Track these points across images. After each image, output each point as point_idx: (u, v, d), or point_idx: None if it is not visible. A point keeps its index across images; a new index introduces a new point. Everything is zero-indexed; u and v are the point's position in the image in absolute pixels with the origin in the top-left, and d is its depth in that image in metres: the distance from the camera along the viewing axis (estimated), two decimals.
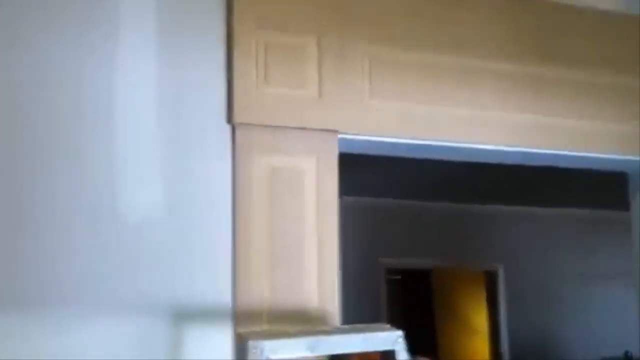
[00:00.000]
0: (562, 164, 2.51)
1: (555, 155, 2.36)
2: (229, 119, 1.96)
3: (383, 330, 1.68)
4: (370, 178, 4.90)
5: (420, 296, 8.00)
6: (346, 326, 1.85)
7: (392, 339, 1.64)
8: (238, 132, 1.96)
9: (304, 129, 2.01)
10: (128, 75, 1.91)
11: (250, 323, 1.88)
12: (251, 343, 1.56)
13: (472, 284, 7.51)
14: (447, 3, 2.23)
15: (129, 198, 1.86)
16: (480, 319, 6.99)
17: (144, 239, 1.86)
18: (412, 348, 1.71)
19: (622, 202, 2.71)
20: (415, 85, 2.15)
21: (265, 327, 1.89)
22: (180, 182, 1.92)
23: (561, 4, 2.38)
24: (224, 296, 1.90)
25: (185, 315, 1.86)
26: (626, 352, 5.71)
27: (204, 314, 1.89)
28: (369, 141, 2.13)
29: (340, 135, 2.06)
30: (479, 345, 6.96)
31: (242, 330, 1.82)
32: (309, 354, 1.59)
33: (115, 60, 1.90)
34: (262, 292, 1.91)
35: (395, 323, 1.77)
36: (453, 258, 6.43)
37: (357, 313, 3.51)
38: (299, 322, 1.93)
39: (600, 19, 2.43)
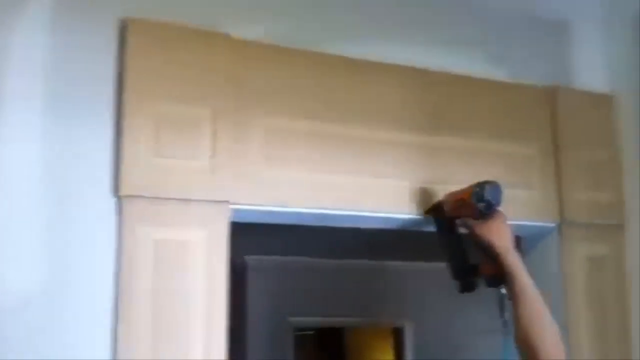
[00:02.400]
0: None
1: None
2: (116, 191, 1.91)
3: None
4: (276, 237, 4.88)
5: (334, 354, 7.97)
6: None
7: None
8: (124, 205, 1.91)
9: (193, 200, 1.98)
10: (10, 146, 1.85)
11: None
12: None
13: (382, 340, 7.55)
14: (341, 75, 2.26)
15: (3, 278, 1.77)
16: None
17: (18, 322, 1.77)
18: None
19: None
20: (309, 156, 2.16)
21: None
22: (61, 258, 1.84)
23: (453, 74, 2.44)
24: None
25: None
26: None
27: None
28: (261, 211, 2.11)
29: (232, 206, 2.04)
30: None
31: None
32: None
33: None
34: None
35: None
36: (363, 315, 6.44)
37: None
38: None
39: (494, 89, 2.51)
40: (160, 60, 2.00)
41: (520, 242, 2.66)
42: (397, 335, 6.88)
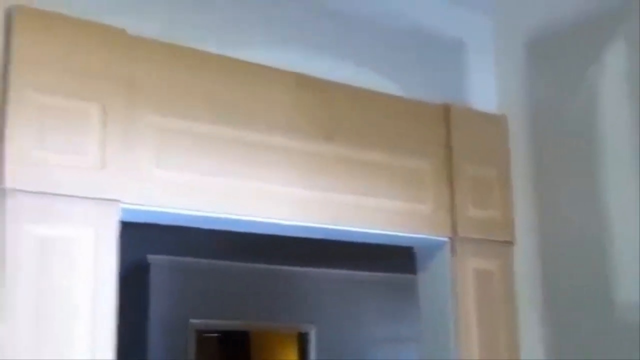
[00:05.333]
0: (348, 239, 2.59)
1: (340, 231, 2.43)
2: None
3: None
4: (180, 237, 4.84)
5: (238, 357, 7.93)
6: None
7: None
8: (7, 199, 1.85)
9: (82, 197, 1.94)
10: None
11: None
12: None
13: (289, 344, 7.57)
14: (232, 78, 2.25)
15: None
16: None
17: None
18: None
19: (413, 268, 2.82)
20: (200, 158, 2.15)
21: None
22: None
23: (349, 85, 2.48)
24: None
25: None
26: None
27: None
28: (151, 212, 2.09)
29: (123, 206, 2.01)
30: None
31: None
32: None
33: None
34: None
35: None
36: (267, 319, 6.44)
37: None
38: None
39: (388, 102, 2.56)
40: (49, 51, 1.95)
41: (414, 257, 2.74)
42: (302, 340, 6.92)
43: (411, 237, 2.59)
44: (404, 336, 6.62)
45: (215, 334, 7.33)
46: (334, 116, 2.42)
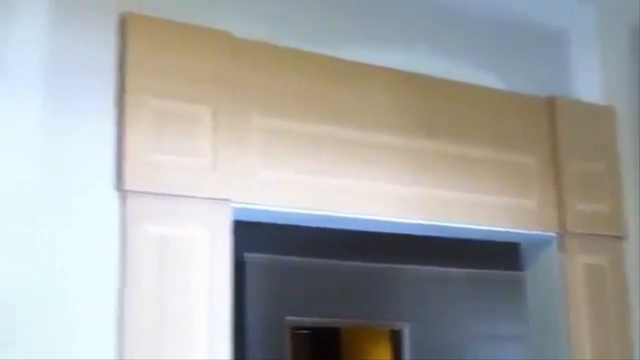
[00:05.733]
0: (453, 236, 2.57)
1: (448, 228, 2.42)
2: (119, 186, 1.93)
3: None
4: (276, 235, 4.89)
5: (330, 354, 7.98)
6: None
7: None
8: (128, 200, 1.92)
9: (196, 197, 1.99)
10: (12, 141, 1.85)
11: None
12: None
13: (381, 342, 7.56)
14: (336, 77, 2.27)
15: (4, 273, 1.78)
16: None
17: (20, 319, 1.77)
18: None
19: (515, 265, 2.77)
20: (307, 157, 2.17)
21: None
22: (62, 252, 1.85)
23: (450, 80, 2.46)
24: None
25: None
26: None
27: None
28: (261, 210, 2.13)
29: (233, 205, 2.05)
30: None
31: None
32: None
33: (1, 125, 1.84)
34: None
35: None
36: (360, 316, 6.45)
37: None
38: None
39: (489, 97, 2.52)
40: (160, 56, 2.01)
41: (520, 251, 2.69)
42: (396, 338, 6.89)
43: (517, 233, 2.55)
44: (503, 334, 6.51)
45: (306, 331, 7.39)
46: (435, 112, 2.40)
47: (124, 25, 2.00)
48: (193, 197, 1.99)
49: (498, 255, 5.49)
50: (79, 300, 1.85)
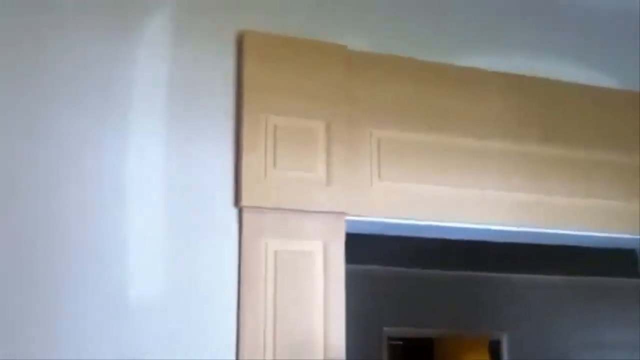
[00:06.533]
0: (569, 243, 2.51)
1: (562, 235, 2.36)
2: (237, 202, 1.97)
3: None
4: (372, 246, 4.88)
5: None
6: None
7: None
8: (245, 216, 1.96)
9: (312, 212, 2.01)
10: (138, 157, 1.92)
11: None
12: None
13: (476, 352, 7.44)
14: (449, 85, 2.26)
15: (136, 284, 1.85)
16: None
17: (150, 328, 1.84)
18: None
19: (624, 270, 2.68)
20: (421, 167, 2.17)
21: None
22: (187, 267, 1.90)
23: (562, 81, 2.41)
24: None
25: None
26: None
27: None
28: (375, 222, 2.13)
29: (347, 218, 2.06)
30: None
31: None
32: None
33: (126, 143, 1.92)
34: None
35: None
36: (457, 326, 6.37)
37: None
38: None
39: (604, 96, 2.46)
40: (276, 73, 2.05)
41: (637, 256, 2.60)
42: (494, 348, 6.77)
43: (633, 239, 2.47)
44: (608, 341, 6.32)
45: (400, 342, 7.35)
46: (549, 115, 2.36)
47: (241, 43, 2.05)
48: (309, 211, 2.01)
49: (596, 261, 5.37)
50: (201, 311, 1.90)
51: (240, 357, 1.88)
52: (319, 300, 1.99)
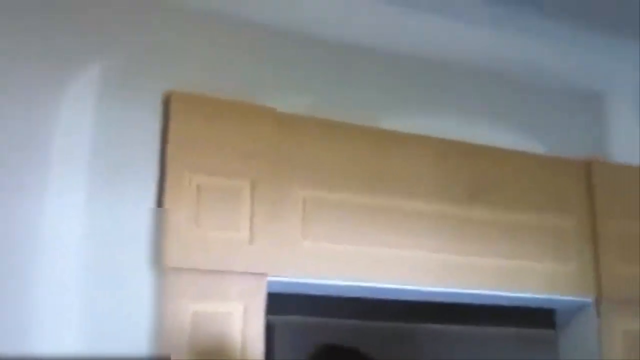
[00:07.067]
0: (489, 303, 2.54)
1: (482, 295, 2.39)
2: (157, 262, 1.93)
3: None
4: (303, 298, 4.85)
5: None
6: None
7: None
8: (168, 276, 1.92)
9: (233, 272, 1.99)
10: (56, 216, 1.88)
11: None
12: None
13: None
14: (376, 147, 2.28)
15: (41, 342, 1.79)
16: None
17: None
18: None
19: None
20: (346, 228, 2.17)
21: None
22: (100, 327, 1.86)
23: (491, 147, 2.46)
24: None
25: None
26: None
27: None
28: (298, 283, 2.12)
29: (269, 278, 2.04)
30: None
31: None
32: None
33: (44, 203, 1.87)
34: None
35: None
36: None
37: None
38: None
39: (530, 161, 2.52)
40: (202, 132, 2.04)
41: (555, 316, 2.65)
42: None
43: (554, 300, 2.51)
44: None
45: None
46: (476, 178, 2.40)
47: (168, 102, 2.04)
48: (230, 272, 1.99)
49: (525, 314, 5.44)
50: None
51: None
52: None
